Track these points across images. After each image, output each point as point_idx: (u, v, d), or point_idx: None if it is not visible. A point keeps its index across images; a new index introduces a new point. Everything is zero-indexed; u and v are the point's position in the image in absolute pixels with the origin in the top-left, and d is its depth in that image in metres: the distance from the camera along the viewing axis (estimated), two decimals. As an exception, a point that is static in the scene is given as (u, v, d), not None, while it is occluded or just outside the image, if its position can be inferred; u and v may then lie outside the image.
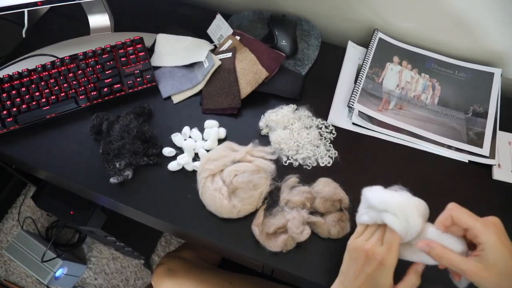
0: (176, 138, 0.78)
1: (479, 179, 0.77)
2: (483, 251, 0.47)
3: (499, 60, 0.88)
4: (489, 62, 0.89)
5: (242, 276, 0.93)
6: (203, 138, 0.79)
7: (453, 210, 0.51)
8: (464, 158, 0.79)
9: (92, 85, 0.83)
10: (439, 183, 0.75)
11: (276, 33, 0.89)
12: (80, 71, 0.84)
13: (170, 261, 0.96)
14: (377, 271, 0.53)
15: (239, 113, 0.83)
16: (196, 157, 0.77)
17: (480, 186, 0.76)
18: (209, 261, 1.08)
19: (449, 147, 0.79)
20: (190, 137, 0.79)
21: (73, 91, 0.83)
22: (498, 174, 0.77)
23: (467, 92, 0.86)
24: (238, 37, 0.87)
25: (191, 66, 0.87)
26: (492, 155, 0.78)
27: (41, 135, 0.81)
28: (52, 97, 0.82)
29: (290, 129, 0.77)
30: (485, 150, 0.78)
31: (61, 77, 0.84)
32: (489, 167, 0.78)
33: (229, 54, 0.84)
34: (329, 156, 0.77)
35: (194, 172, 0.75)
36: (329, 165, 0.76)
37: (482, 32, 0.84)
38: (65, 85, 0.83)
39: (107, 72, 0.84)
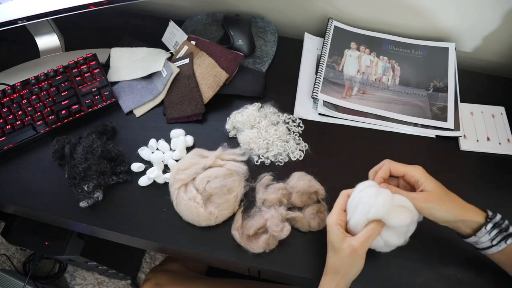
0: (143, 152, 0.76)
1: (448, 152, 0.79)
2: (422, 185, 0.57)
3: (451, 34, 0.90)
4: (443, 38, 0.91)
5: (230, 280, 0.91)
6: (170, 149, 0.77)
7: (390, 163, 0.60)
8: (431, 133, 0.80)
9: (48, 109, 0.80)
10: (410, 161, 0.75)
11: (232, 33, 0.88)
12: (34, 96, 0.81)
13: (157, 275, 0.94)
14: (328, 234, 0.60)
15: (204, 119, 0.81)
16: (166, 169, 0.75)
17: (449, 158, 0.78)
18: (196, 270, 1.06)
19: (415, 124, 0.81)
20: (157, 149, 0.77)
21: (29, 118, 0.79)
22: (465, 145, 0.79)
23: (426, 69, 0.88)
24: (193, 42, 0.85)
25: (149, 77, 0.85)
26: (457, 127, 0.80)
27: (1, 168, 0.77)
28: (7, 127, 0.78)
29: (258, 128, 0.77)
30: (450, 123, 0.80)
31: (15, 105, 0.80)
32: (455, 139, 0.80)
33: (187, 60, 0.83)
34: (299, 150, 0.77)
35: (166, 184, 0.73)
36: (300, 158, 0.76)
37: (432, 10, 0.86)
38: (19, 112, 0.79)
39: (63, 94, 0.81)
